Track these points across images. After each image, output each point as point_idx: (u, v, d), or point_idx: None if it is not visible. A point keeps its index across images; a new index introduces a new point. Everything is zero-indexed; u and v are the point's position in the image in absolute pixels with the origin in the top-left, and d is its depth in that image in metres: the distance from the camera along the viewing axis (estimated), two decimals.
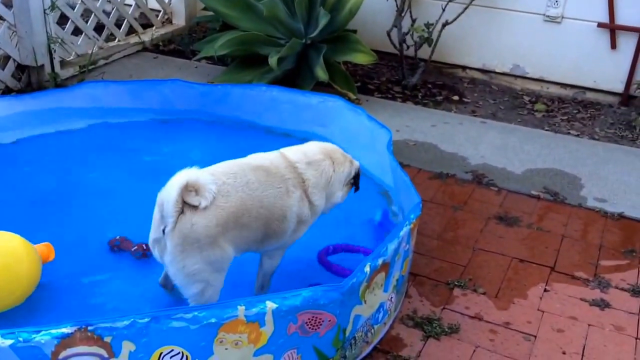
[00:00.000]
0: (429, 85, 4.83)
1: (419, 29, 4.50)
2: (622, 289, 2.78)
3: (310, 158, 2.44)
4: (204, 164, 3.36)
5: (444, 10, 4.48)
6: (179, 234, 2.08)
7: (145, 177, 3.24)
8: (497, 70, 4.92)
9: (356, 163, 2.60)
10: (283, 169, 2.36)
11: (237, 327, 1.95)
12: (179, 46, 5.24)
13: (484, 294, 2.71)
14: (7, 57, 4.14)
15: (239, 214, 2.18)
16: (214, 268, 2.17)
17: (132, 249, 2.71)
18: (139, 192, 3.09)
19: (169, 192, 2.06)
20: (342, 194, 2.54)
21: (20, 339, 1.77)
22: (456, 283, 2.75)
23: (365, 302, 2.24)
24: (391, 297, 2.43)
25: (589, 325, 2.57)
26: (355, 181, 2.59)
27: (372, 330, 2.36)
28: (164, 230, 2.10)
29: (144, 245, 2.68)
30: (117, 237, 2.76)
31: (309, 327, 2.08)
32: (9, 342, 1.77)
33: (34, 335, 1.78)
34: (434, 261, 2.89)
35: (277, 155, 2.43)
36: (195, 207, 2.09)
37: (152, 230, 2.19)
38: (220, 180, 2.18)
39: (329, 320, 2.11)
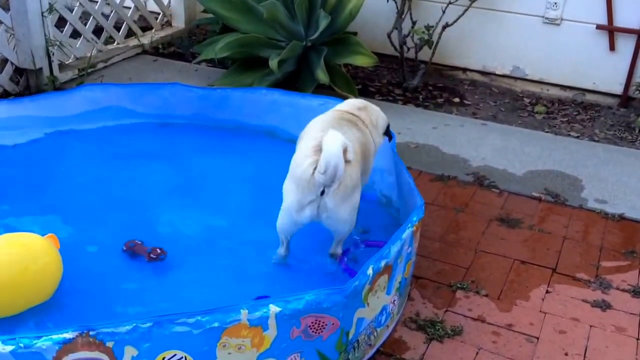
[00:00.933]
0: (430, 88, 4.83)
1: (419, 31, 4.50)
2: (623, 290, 2.77)
3: (357, 106, 2.93)
4: (205, 167, 3.42)
5: (444, 12, 4.48)
6: (345, 187, 2.45)
7: (146, 180, 3.26)
8: (497, 72, 4.92)
9: (385, 116, 3.04)
10: (352, 116, 2.82)
11: (240, 331, 1.95)
12: (178, 49, 5.24)
13: (486, 295, 2.70)
14: (5, 61, 4.13)
15: (362, 160, 2.66)
16: (358, 205, 2.61)
17: (147, 253, 2.68)
18: (139, 195, 3.13)
19: (337, 155, 2.35)
20: (381, 140, 2.95)
21: (21, 344, 1.77)
22: (459, 285, 2.75)
23: (368, 304, 2.23)
24: (394, 300, 2.42)
25: (590, 326, 2.56)
26: (387, 131, 3.01)
27: (375, 333, 2.35)
28: (323, 191, 2.43)
29: (157, 250, 2.67)
30: (132, 241, 2.73)
31: (312, 331, 2.07)
32: (9, 347, 1.77)
33: (35, 341, 1.77)
34: (436, 263, 2.89)
35: (337, 110, 2.90)
36: (348, 162, 2.45)
37: (304, 195, 2.45)
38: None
39: (332, 324, 2.10)
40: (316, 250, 2.76)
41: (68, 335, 1.79)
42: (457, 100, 4.67)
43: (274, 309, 1.97)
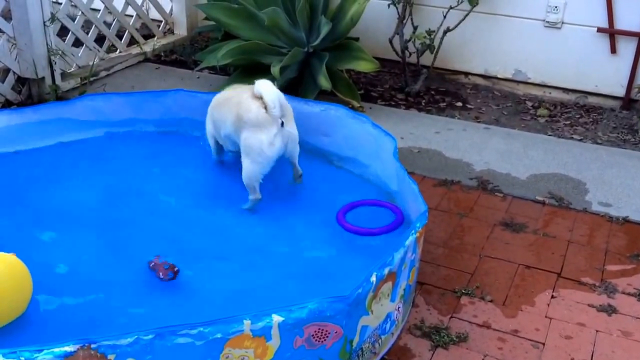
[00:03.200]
0: (432, 92, 4.82)
1: (420, 36, 4.50)
2: (629, 294, 2.76)
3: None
4: (209, 172, 3.41)
5: (445, 17, 4.48)
6: (291, 112, 3.10)
7: (152, 188, 3.25)
8: (499, 76, 4.91)
9: None
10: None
11: (243, 342, 1.94)
12: (180, 56, 5.24)
13: (491, 301, 2.69)
14: (7, 70, 4.13)
15: None
16: None
17: (160, 274, 2.57)
18: (144, 203, 3.12)
19: (277, 91, 2.96)
20: None
21: (22, 358, 1.75)
22: (463, 291, 2.73)
23: (372, 312, 2.22)
24: (398, 307, 2.41)
25: (596, 331, 2.55)
26: None
27: (380, 341, 2.34)
28: (282, 123, 2.96)
29: (175, 268, 2.58)
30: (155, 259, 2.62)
31: (316, 340, 2.06)
32: None
33: (36, 355, 1.75)
34: (441, 269, 2.87)
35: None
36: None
37: (269, 130, 2.94)
38: None
39: (336, 332, 2.09)
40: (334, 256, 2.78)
41: (69, 348, 1.77)
42: (459, 104, 4.66)
43: (276, 318, 1.97)
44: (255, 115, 2.93)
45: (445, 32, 4.51)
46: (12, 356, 1.74)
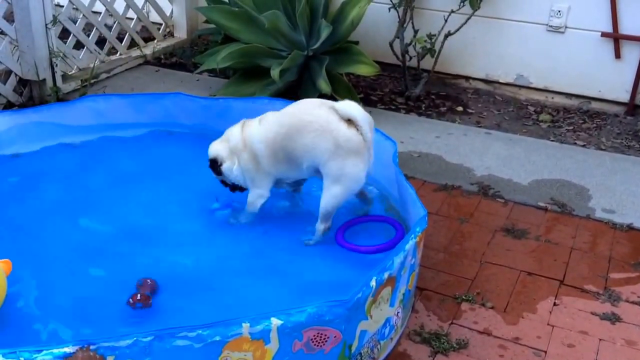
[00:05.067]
0: (433, 96, 4.80)
1: (421, 40, 4.48)
2: (633, 302, 2.73)
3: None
4: (210, 177, 3.39)
5: (446, 21, 4.46)
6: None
7: (151, 191, 3.23)
8: (500, 81, 4.89)
9: None
10: None
11: (242, 345, 1.91)
12: (180, 59, 5.23)
13: (492, 308, 2.66)
14: (9, 72, 4.13)
15: None
16: None
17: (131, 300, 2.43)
18: (144, 206, 3.10)
19: (368, 115, 2.74)
20: None
21: (22, 358, 1.73)
22: (464, 297, 2.70)
23: (371, 317, 2.20)
24: (397, 312, 2.39)
25: (600, 340, 2.51)
26: None
27: (379, 346, 2.31)
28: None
29: (138, 296, 2.43)
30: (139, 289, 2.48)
31: (314, 344, 2.04)
32: None
33: (35, 355, 1.74)
34: (441, 275, 2.85)
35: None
36: None
37: (366, 159, 2.75)
38: None
39: (335, 337, 2.06)
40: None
41: (68, 349, 1.75)
42: (460, 108, 4.64)
43: (275, 322, 1.94)
44: (356, 143, 2.68)
45: (446, 36, 4.50)
46: (12, 356, 1.73)
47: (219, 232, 2.99)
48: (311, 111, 2.75)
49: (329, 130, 2.68)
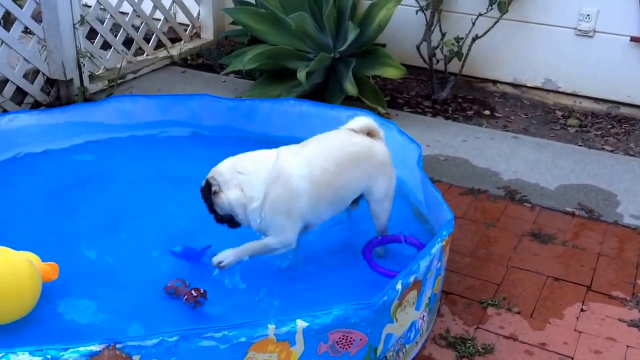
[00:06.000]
0: (459, 100, 4.77)
1: (448, 43, 4.46)
2: None
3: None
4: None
5: (473, 24, 4.43)
6: None
7: (173, 191, 3.25)
8: (528, 85, 4.84)
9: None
10: None
11: (267, 346, 1.91)
12: (207, 60, 5.26)
13: (518, 313, 2.63)
14: (37, 71, 4.19)
15: None
16: None
17: (184, 298, 2.43)
18: (167, 206, 3.12)
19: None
20: None
21: (49, 356, 1.75)
22: (490, 302, 2.68)
23: (396, 320, 2.18)
24: (423, 316, 2.37)
25: (627, 346, 2.47)
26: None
27: (404, 350, 2.30)
28: None
29: (193, 292, 2.43)
30: (175, 281, 2.49)
31: (340, 347, 2.03)
32: (37, 359, 1.75)
33: (62, 353, 1.76)
34: (467, 279, 2.82)
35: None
36: None
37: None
38: None
39: (360, 339, 2.05)
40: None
41: (95, 347, 1.77)
42: (487, 112, 4.60)
43: (301, 324, 1.94)
44: (389, 153, 2.73)
45: (473, 39, 4.46)
46: (39, 354, 1.74)
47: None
48: (351, 141, 2.62)
49: (373, 153, 2.64)
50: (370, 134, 2.68)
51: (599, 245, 3.10)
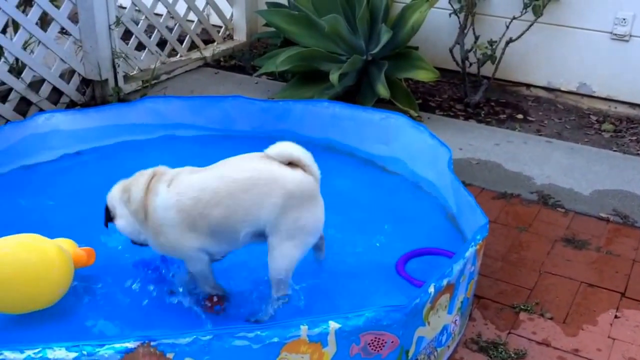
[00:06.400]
0: (492, 103, 4.73)
1: (482, 47, 4.43)
2: None
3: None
4: None
5: (507, 27, 4.39)
6: None
7: None
8: (562, 89, 4.78)
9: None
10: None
11: (300, 347, 1.92)
12: (239, 62, 5.31)
13: (551, 319, 2.60)
14: (72, 72, 4.27)
15: None
16: None
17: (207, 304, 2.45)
18: None
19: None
20: None
21: (85, 352, 1.79)
22: (522, 307, 2.65)
23: (428, 323, 2.18)
24: (455, 320, 2.36)
25: None
26: None
27: (435, 353, 2.29)
28: None
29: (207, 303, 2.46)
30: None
31: (372, 349, 2.03)
32: (73, 354, 1.79)
33: (97, 349, 1.79)
34: (499, 283, 2.80)
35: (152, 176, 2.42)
36: None
37: (322, 201, 2.37)
38: None
39: (392, 342, 2.05)
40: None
41: (130, 344, 1.80)
42: (520, 116, 4.55)
43: (333, 325, 1.95)
44: (309, 187, 2.29)
45: (507, 43, 4.42)
46: (75, 349, 1.78)
47: None
48: (245, 166, 2.31)
49: (273, 181, 2.25)
50: (292, 164, 2.30)
51: (634, 251, 3.05)
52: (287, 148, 2.30)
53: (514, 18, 4.38)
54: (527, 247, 3.06)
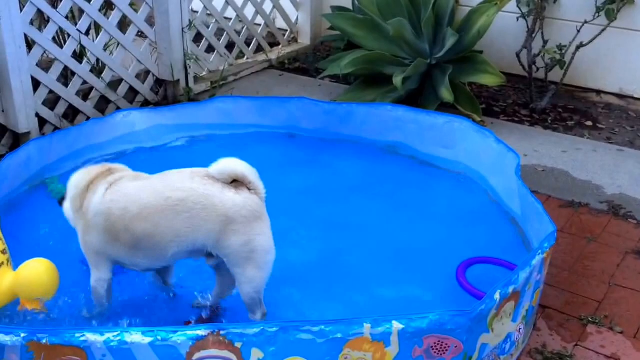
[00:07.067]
0: (559, 110, 4.62)
1: (550, 51, 4.33)
2: None
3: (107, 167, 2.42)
4: (326, 182, 3.46)
5: (578, 31, 4.29)
6: None
7: (268, 189, 3.34)
8: (635, 96, 4.62)
9: None
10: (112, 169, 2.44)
11: (362, 344, 1.94)
12: (303, 64, 5.37)
13: (621, 333, 2.52)
14: (147, 72, 4.42)
15: None
16: None
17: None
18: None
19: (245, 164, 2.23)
20: None
21: (159, 337, 1.87)
22: (590, 319, 2.58)
23: (492, 330, 2.15)
24: (519, 328, 2.32)
25: None
26: None
27: None
28: None
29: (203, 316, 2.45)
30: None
31: (435, 352, 2.03)
32: (148, 339, 1.87)
33: (171, 335, 1.87)
34: (565, 294, 2.74)
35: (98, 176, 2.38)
36: None
37: (268, 220, 2.26)
38: None
39: (455, 347, 2.04)
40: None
41: (201, 332, 1.87)
42: (589, 123, 4.43)
43: (396, 325, 1.96)
44: (253, 208, 2.18)
45: (577, 48, 4.32)
46: (150, 334, 1.87)
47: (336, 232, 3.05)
48: (180, 186, 2.20)
49: (211, 208, 2.15)
50: (236, 183, 2.21)
51: None
52: (230, 165, 2.20)
53: (586, 22, 4.27)
54: (596, 258, 2.98)
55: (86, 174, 2.33)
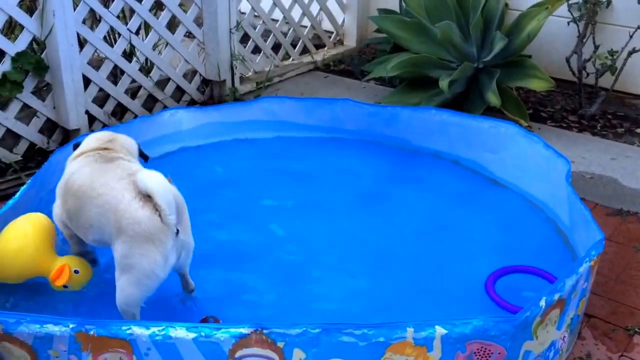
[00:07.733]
0: (609, 116, 4.52)
1: (602, 56, 4.24)
2: None
3: (106, 139, 2.65)
4: (368, 183, 3.47)
5: (631, 37, 4.19)
6: (185, 213, 2.37)
7: (311, 191, 3.39)
8: None
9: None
10: (107, 152, 2.59)
11: (405, 348, 1.94)
12: (348, 66, 5.38)
13: None
14: (194, 72, 4.50)
15: None
16: None
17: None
18: (304, 205, 3.27)
19: (170, 189, 2.23)
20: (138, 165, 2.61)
21: (203, 333, 1.91)
22: (637, 329, 2.53)
23: (536, 338, 2.13)
24: (564, 336, 2.29)
25: None
26: (141, 153, 2.80)
27: None
28: (177, 231, 2.26)
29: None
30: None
31: (478, 358, 2.01)
32: (192, 335, 1.91)
33: (214, 332, 1.91)
34: (611, 303, 2.68)
35: (86, 151, 2.58)
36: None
37: (165, 245, 2.23)
38: None
39: (499, 353, 2.03)
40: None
41: (244, 330, 1.90)
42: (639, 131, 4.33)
43: (440, 330, 1.95)
44: (147, 227, 2.18)
45: (630, 53, 4.21)
46: (194, 330, 1.91)
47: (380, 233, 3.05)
48: (105, 180, 2.32)
49: (114, 210, 2.23)
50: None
51: None
52: (144, 179, 2.21)
53: (638, 27, 4.17)
54: None
55: (87, 144, 2.58)
